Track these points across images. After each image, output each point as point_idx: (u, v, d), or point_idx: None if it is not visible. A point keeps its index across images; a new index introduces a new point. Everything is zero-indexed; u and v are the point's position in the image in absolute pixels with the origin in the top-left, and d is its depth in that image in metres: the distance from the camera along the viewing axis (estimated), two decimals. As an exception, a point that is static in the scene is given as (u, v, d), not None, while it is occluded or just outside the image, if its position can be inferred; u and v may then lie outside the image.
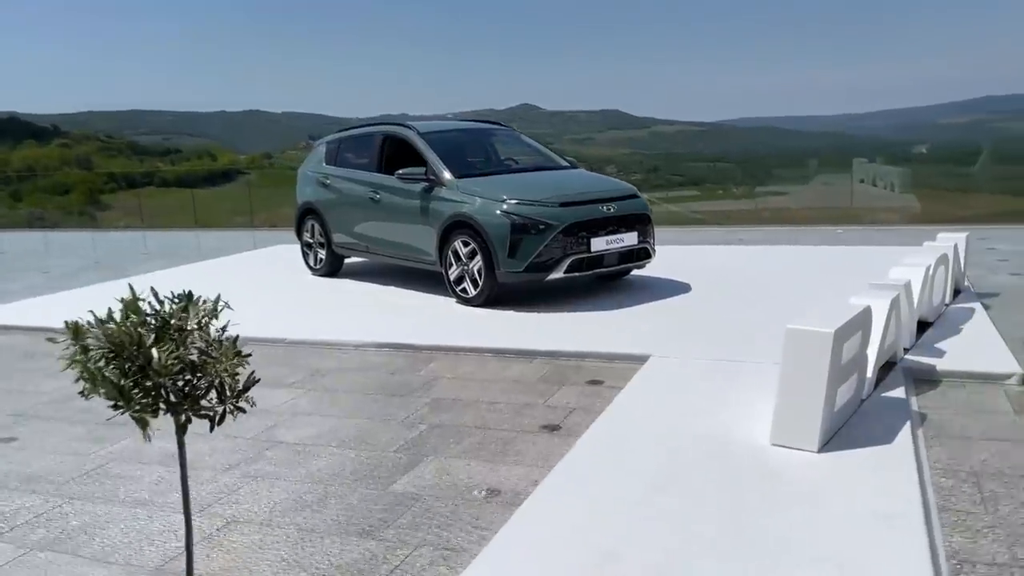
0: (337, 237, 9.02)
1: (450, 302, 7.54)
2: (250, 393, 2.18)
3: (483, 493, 3.63)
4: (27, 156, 69.02)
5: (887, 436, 3.94)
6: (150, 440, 2.09)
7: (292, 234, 9.88)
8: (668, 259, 8.16)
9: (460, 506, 3.52)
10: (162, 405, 2.02)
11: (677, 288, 7.68)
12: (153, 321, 2.02)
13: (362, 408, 4.90)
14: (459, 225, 7.34)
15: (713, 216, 15.32)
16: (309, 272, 9.52)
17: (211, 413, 2.16)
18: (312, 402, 5.06)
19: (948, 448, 3.90)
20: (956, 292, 6.81)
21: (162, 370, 1.89)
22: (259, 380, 2.37)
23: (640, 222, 7.44)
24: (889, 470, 3.58)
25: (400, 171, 7.81)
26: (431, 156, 7.79)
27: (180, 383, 2.02)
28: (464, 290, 7.40)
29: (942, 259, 6.17)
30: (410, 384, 5.32)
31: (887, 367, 4.90)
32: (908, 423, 4.11)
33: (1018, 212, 16.80)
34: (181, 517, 2.60)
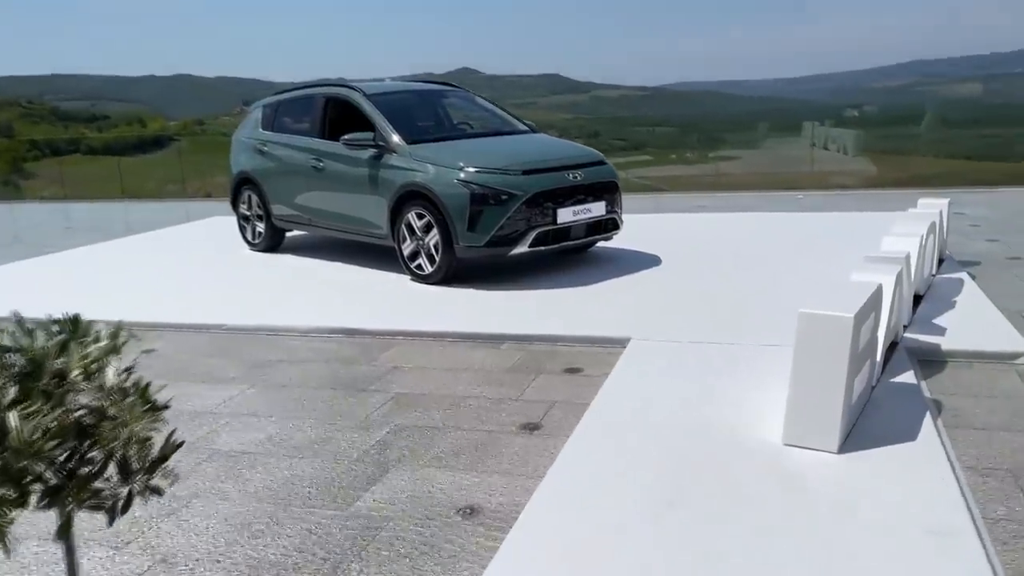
0: (277, 209, 8.31)
1: (404, 280, 6.94)
2: (170, 464, 1.56)
3: (462, 512, 3.11)
4: None
5: (908, 430, 3.53)
6: (9, 555, 1.43)
7: (228, 205, 9.12)
8: (632, 229, 7.68)
9: (437, 531, 2.99)
10: (33, 493, 1.37)
11: (648, 261, 7.21)
12: (16, 364, 1.36)
13: (314, 407, 4.31)
14: (412, 195, 6.72)
15: (668, 182, 14.91)
16: (247, 247, 8.79)
17: (109, 500, 1.50)
18: (255, 401, 4.46)
19: (974, 442, 3.52)
20: (940, 261, 6.49)
21: (25, 448, 1.26)
22: (182, 444, 1.76)
23: (608, 191, 6.93)
24: (923, 473, 3.16)
25: (346, 136, 7.14)
26: (380, 120, 7.13)
27: (61, 457, 1.38)
28: (419, 267, 6.81)
29: (932, 228, 5.81)
30: (367, 377, 4.75)
31: (890, 348, 4.51)
32: (926, 413, 3.71)
33: (966, 174, 16.85)
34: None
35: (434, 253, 6.66)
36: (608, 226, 7.01)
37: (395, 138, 6.94)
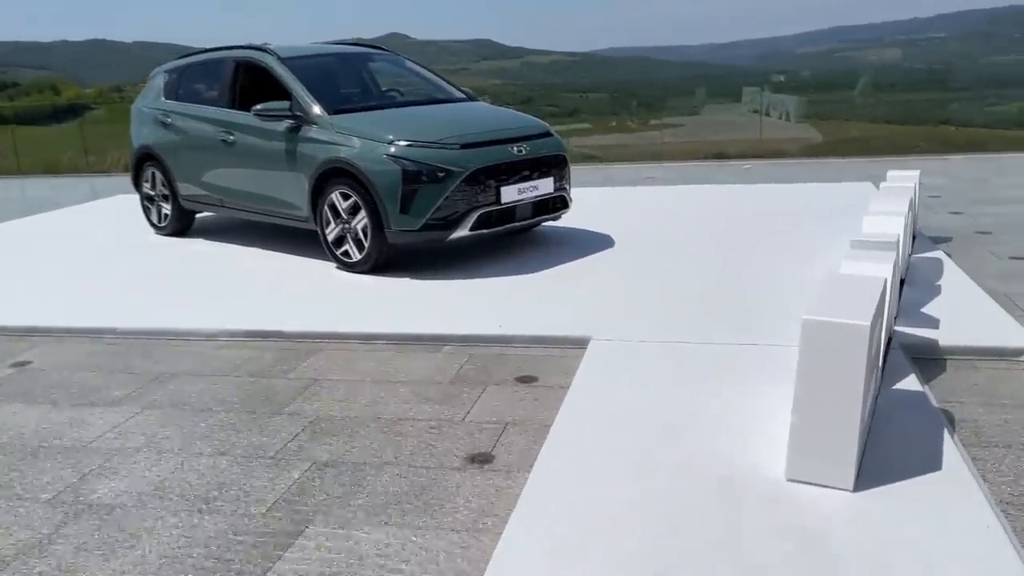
0: (184, 188, 7.40)
1: (328, 268, 6.17)
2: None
3: (400, 593, 2.44)
4: None
5: (927, 455, 2.99)
6: None
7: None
8: (579, 205, 7.03)
9: (367, 623, 2.31)
10: None
11: (599, 242, 6.58)
12: None
13: (217, 437, 3.57)
14: (336, 173, 5.93)
15: (611, 153, 14.30)
16: (153, 231, 7.86)
17: None
18: (145, 430, 3.68)
19: (1006, 466, 2.99)
20: (912, 238, 6.03)
21: None
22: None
23: (556, 165, 6.26)
24: (959, 514, 2.61)
25: (257, 106, 6.28)
26: (296, 87, 6.29)
27: None
28: (346, 253, 6.04)
29: (910, 205, 5.31)
30: (283, 394, 4.01)
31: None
32: (942, 430, 3.18)
33: (898, 139, 16.70)
34: None
35: (362, 238, 5.90)
36: (556, 205, 6.35)
37: (315, 108, 6.12)
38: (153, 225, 7.85)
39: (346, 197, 5.90)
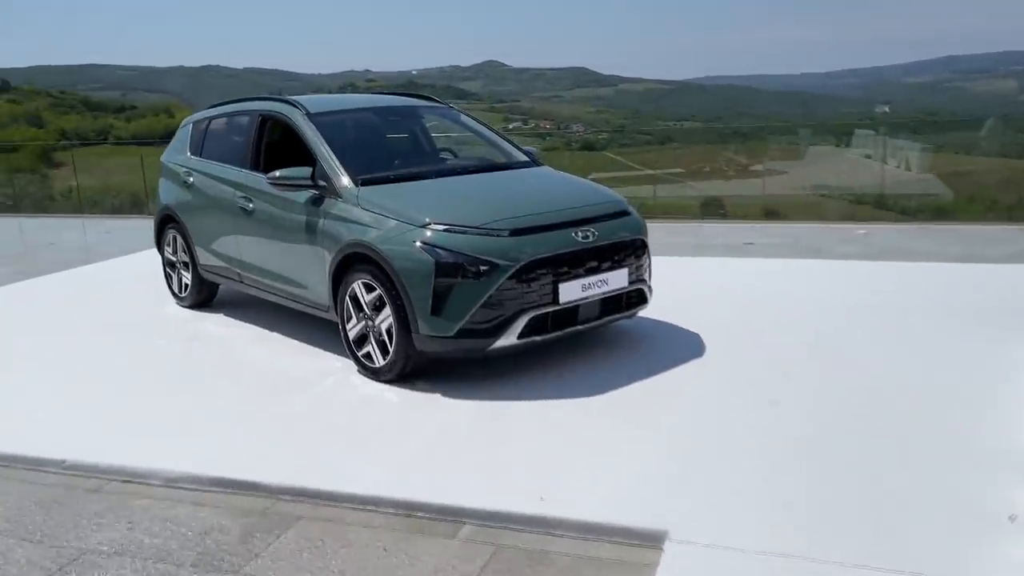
0: (203, 257, 6.45)
1: (348, 373, 5.05)
2: None
3: None
4: None
5: None
6: None
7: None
8: (662, 281, 5.70)
9: None
10: None
11: (684, 345, 5.25)
12: None
13: None
14: (359, 259, 4.83)
15: (706, 205, 12.89)
16: (175, 301, 6.93)
17: None
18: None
19: None
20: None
21: None
22: None
23: (633, 253, 4.99)
24: None
25: (275, 173, 5.25)
26: (322, 150, 5.24)
27: None
28: (368, 356, 4.91)
29: None
30: (226, 611, 2.86)
31: None
32: None
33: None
34: None
35: (387, 340, 4.76)
36: (632, 301, 5.07)
37: (341, 178, 5.04)
38: (174, 295, 6.93)
39: (370, 289, 4.79)
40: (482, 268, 4.43)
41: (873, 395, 4.32)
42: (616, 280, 4.86)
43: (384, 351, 4.80)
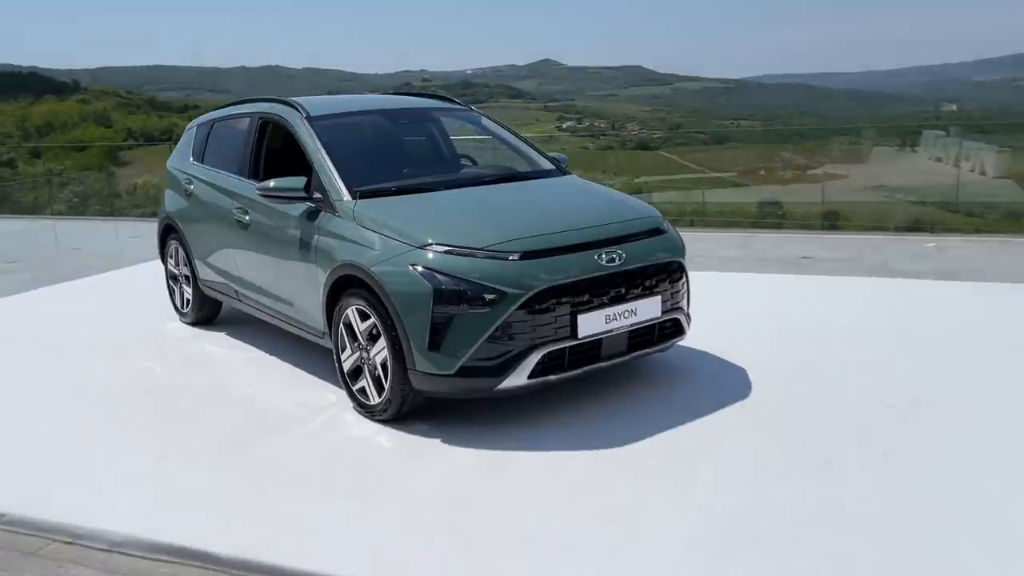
0: (202, 271, 5.97)
1: (344, 407, 4.49)
2: None
3: None
4: (47, 112, 68.27)
5: None
6: None
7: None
8: (704, 301, 5.02)
9: None
10: None
11: (726, 385, 4.55)
12: None
13: None
14: (354, 282, 4.25)
15: (761, 213, 12.06)
16: (178, 317, 6.47)
17: None
18: None
19: None
20: None
21: None
22: None
23: (668, 277, 4.32)
24: None
25: (270, 183, 4.72)
26: (319, 157, 4.68)
27: None
28: (364, 392, 4.34)
29: None
30: None
31: None
32: None
33: None
34: None
35: (382, 376, 4.18)
36: (666, 333, 4.40)
37: (337, 189, 4.48)
38: (176, 310, 6.47)
39: (364, 316, 4.21)
40: (487, 296, 3.81)
41: (959, 463, 3.58)
42: (647, 310, 4.19)
43: (379, 387, 4.22)
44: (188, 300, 6.26)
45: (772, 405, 4.26)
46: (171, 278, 6.47)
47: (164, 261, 6.51)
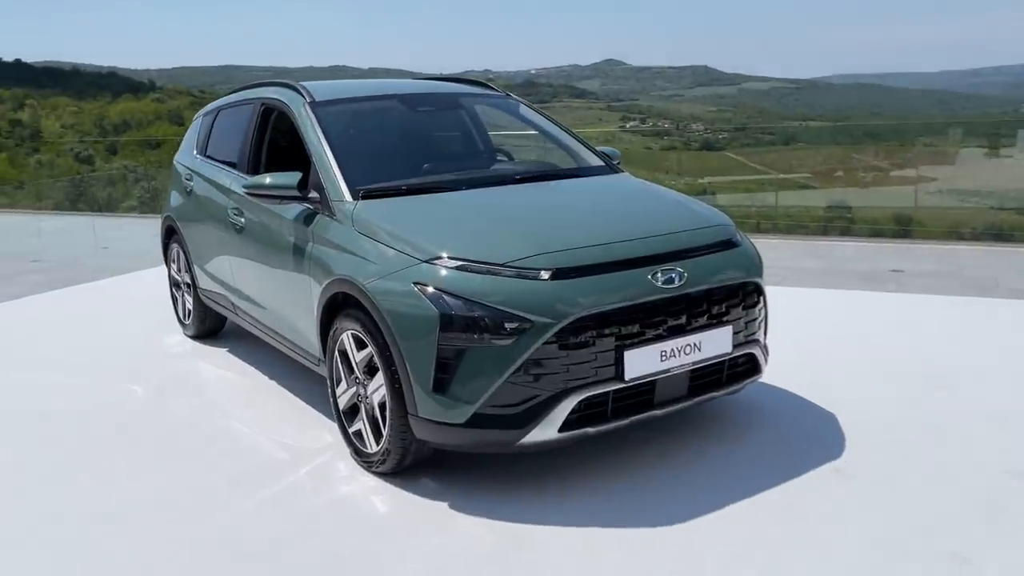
0: (201, 279, 5.27)
1: (339, 452, 3.70)
2: None
3: None
4: (124, 110, 70.60)
5: None
6: None
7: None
8: (779, 326, 4.11)
9: None
10: None
11: (803, 439, 3.63)
12: None
13: None
14: (350, 301, 3.46)
15: (839, 220, 10.96)
16: (181, 329, 5.79)
17: None
18: None
19: None
20: None
21: None
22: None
23: (743, 302, 3.42)
24: None
25: (254, 180, 3.97)
26: (320, 149, 3.91)
27: None
28: (360, 436, 3.54)
29: None
30: None
31: None
32: None
33: None
34: None
35: (379, 420, 3.38)
36: (738, 372, 3.50)
37: (337, 187, 3.70)
38: (179, 320, 5.80)
39: (361, 344, 3.42)
40: (509, 325, 2.97)
41: None
42: (715, 343, 3.30)
43: (378, 432, 3.42)
44: (189, 311, 5.58)
45: (871, 467, 3.33)
46: (174, 285, 5.81)
47: (168, 265, 5.86)
